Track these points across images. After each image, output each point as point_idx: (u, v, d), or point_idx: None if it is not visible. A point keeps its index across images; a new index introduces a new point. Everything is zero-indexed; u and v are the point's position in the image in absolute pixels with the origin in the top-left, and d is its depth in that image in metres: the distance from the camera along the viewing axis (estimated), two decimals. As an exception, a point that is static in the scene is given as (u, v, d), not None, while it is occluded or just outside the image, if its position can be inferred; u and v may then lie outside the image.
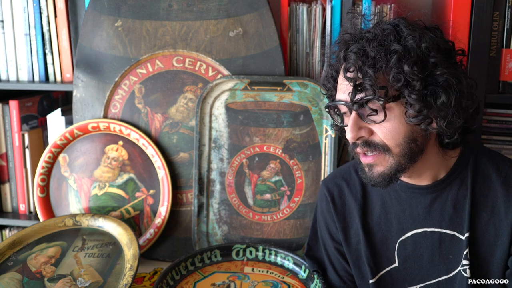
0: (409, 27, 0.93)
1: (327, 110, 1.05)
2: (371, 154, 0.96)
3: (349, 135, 0.95)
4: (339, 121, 1.03)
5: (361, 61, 0.92)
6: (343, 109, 0.99)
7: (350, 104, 0.94)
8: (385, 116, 0.91)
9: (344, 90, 0.96)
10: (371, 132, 0.95)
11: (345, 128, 0.98)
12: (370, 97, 0.91)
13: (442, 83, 0.90)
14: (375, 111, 0.92)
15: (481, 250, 0.99)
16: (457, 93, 0.90)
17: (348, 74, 0.94)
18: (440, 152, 1.01)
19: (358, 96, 0.92)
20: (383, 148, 0.94)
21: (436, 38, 0.94)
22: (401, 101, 0.92)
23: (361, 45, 0.93)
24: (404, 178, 1.04)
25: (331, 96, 1.08)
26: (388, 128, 0.93)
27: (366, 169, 0.99)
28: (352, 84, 0.93)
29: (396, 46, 0.91)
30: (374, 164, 0.96)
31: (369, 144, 0.95)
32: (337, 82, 1.02)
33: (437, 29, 0.97)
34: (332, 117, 1.05)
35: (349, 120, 0.95)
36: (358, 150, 0.97)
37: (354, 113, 0.94)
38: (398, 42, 0.92)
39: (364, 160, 0.97)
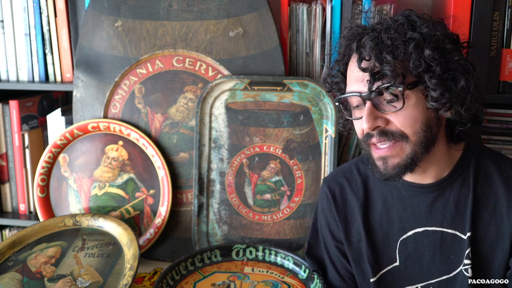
0: (420, 17, 0.95)
1: (337, 104, 1.04)
2: (387, 145, 0.95)
3: (365, 125, 0.94)
4: (349, 115, 1.03)
5: (378, 49, 0.92)
6: (355, 102, 0.99)
7: (367, 93, 0.93)
8: (404, 103, 0.92)
9: (358, 81, 0.96)
10: (387, 122, 0.94)
11: (355, 122, 0.99)
12: (389, 84, 0.91)
13: (461, 68, 0.92)
14: (396, 97, 0.92)
15: (482, 250, 0.99)
16: (474, 78, 0.93)
17: (364, 64, 0.94)
18: (446, 146, 1.01)
19: (376, 85, 0.92)
20: (401, 136, 0.94)
21: (447, 28, 0.97)
22: (419, 87, 0.93)
23: (376, 34, 0.95)
24: (405, 176, 1.04)
25: (340, 90, 1.07)
26: (405, 115, 0.93)
27: (380, 163, 0.98)
28: (368, 73, 0.93)
29: (413, 33, 0.92)
30: (390, 156, 0.96)
31: (386, 133, 0.94)
32: (346, 76, 1.03)
33: (442, 23, 0.98)
34: (341, 111, 1.04)
35: (365, 110, 0.94)
36: (374, 140, 0.96)
37: (369, 103, 0.94)
38: (413, 30, 0.93)
39: (379, 152, 0.97)
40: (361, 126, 0.96)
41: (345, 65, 1.03)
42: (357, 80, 0.96)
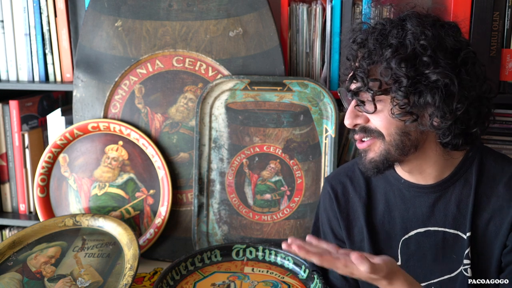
0: (414, 22, 0.93)
1: (339, 94, 1.08)
2: (366, 140, 0.99)
3: (346, 122, 1.00)
4: (347, 106, 1.06)
5: (360, 52, 0.96)
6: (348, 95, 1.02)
7: (348, 91, 0.98)
8: (375, 108, 0.94)
9: (348, 78, 1.00)
10: (368, 120, 0.98)
11: None
12: (361, 88, 0.94)
13: (429, 83, 0.90)
14: (368, 101, 0.95)
15: (482, 250, 0.99)
16: (443, 94, 0.90)
17: (352, 63, 1.00)
18: (442, 151, 1.00)
19: (353, 86, 0.97)
20: (378, 134, 0.97)
21: (440, 36, 0.92)
22: (390, 95, 0.94)
23: (365, 36, 0.97)
24: (407, 177, 1.04)
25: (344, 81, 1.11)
26: (380, 118, 0.96)
27: (362, 155, 1.03)
28: (352, 72, 0.97)
29: (393, 40, 0.92)
30: (368, 150, 1.00)
31: (365, 130, 0.99)
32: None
33: (451, 26, 0.96)
34: (343, 101, 1.07)
35: (348, 107, 1.00)
36: (356, 136, 1.01)
37: (354, 101, 0.98)
38: (397, 36, 0.93)
39: (359, 146, 1.01)
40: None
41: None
42: (349, 77, 1.00)
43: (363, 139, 1.00)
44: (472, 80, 0.93)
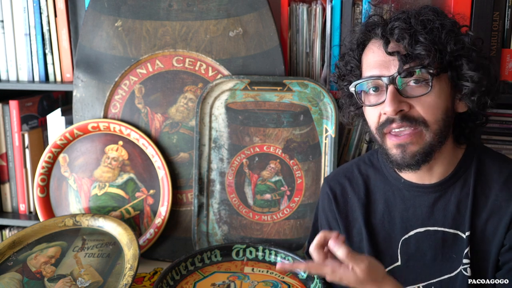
0: (435, 12, 0.97)
1: (353, 89, 1.01)
2: (407, 131, 0.94)
3: (388, 108, 0.93)
4: (364, 101, 1.01)
5: (410, 32, 0.93)
6: (372, 87, 0.98)
7: (393, 75, 0.93)
8: (431, 87, 0.92)
9: (380, 65, 0.96)
10: (410, 107, 0.94)
11: (369, 109, 0.99)
12: (421, 66, 0.92)
13: (488, 57, 0.96)
14: (424, 80, 0.93)
15: (480, 249, 0.99)
16: (490, 65, 0.97)
17: (390, 48, 0.94)
18: (453, 143, 1.02)
19: (405, 66, 0.92)
20: (423, 123, 0.94)
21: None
22: (446, 75, 0.94)
23: (406, 19, 0.95)
24: (407, 176, 1.04)
25: (356, 76, 1.05)
26: (429, 102, 0.93)
27: (397, 151, 0.97)
28: (396, 56, 0.93)
29: (443, 20, 0.95)
30: (409, 143, 0.95)
31: (408, 118, 0.94)
32: (361, 62, 1.03)
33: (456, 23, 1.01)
34: (357, 98, 1.02)
35: (388, 94, 0.93)
36: (394, 125, 0.95)
37: (392, 86, 0.93)
38: (443, 18, 0.96)
39: (397, 140, 0.96)
40: (381, 110, 0.96)
41: (360, 53, 1.04)
42: (380, 65, 0.96)
43: (401, 131, 0.95)
44: None
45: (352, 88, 1.02)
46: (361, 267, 0.86)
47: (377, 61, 0.97)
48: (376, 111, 0.98)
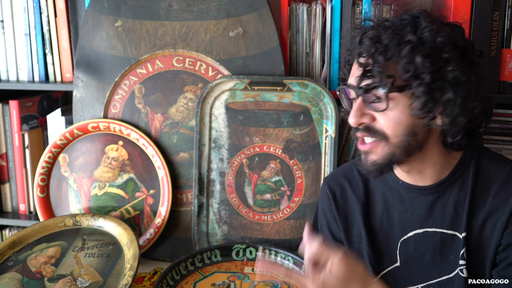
0: (428, 20, 0.94)
1: (338, 93, 1.05)
2: (369, 141, 0.97)
3: (351, 120, 0.97)
4: (347, 105, 1.04)
5: (374, 48, 0.93)
6: (352, 94, 1.00)
7: (356, 89, 0.95)
8: (387, 105, 0.93)
9: (354, 75, 0.98)
10: (374, 119, 0.96)
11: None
12: (376, 84, 0.92)
13: (451, 79, 0.90)
14: (379, 98, 0.93)
15: (477, 250, 0.99)
16: (465, 92, 0.91)
17: (360, 59, 0.96)
18: (443, 151, 1.00)
19: (364, 82, 0.94)
20: (382, 136, 0.95)
21: (453, 35, 0.94)
22: (407, 92, 0.92)
23: (377, 32, 0.95)
24: (405, 178, 1.04)
25: (344, 80, 1.09)
26: (390, 117, 0.94)
27: (362, 156, 1.01)
28: (362, 69, 0.94)
29: (410, 36, 0.92)
30: (370, 152, 0.98)
31: (370, 130, 0.96)
32: (351, 67, 1.04)
33: (457, 27, 0.98)
34: (341, 100, 1.05)
35: (353, 106, 0.97)
36: (358, 134, 0.98)
37: (359, 98, 0.96)
38: (413, 33, 0.92)
39: (362, 147, 0.99)
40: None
41: (352, 57, 1.05)
42: (354, 74, 0.98)
43: (365, 139, 0.98)
44: (481, 79, 0.95)
45: (337, 92, 1.06)
46: (335, 261, 0.84)
47: (354, 70, 1.00)
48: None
